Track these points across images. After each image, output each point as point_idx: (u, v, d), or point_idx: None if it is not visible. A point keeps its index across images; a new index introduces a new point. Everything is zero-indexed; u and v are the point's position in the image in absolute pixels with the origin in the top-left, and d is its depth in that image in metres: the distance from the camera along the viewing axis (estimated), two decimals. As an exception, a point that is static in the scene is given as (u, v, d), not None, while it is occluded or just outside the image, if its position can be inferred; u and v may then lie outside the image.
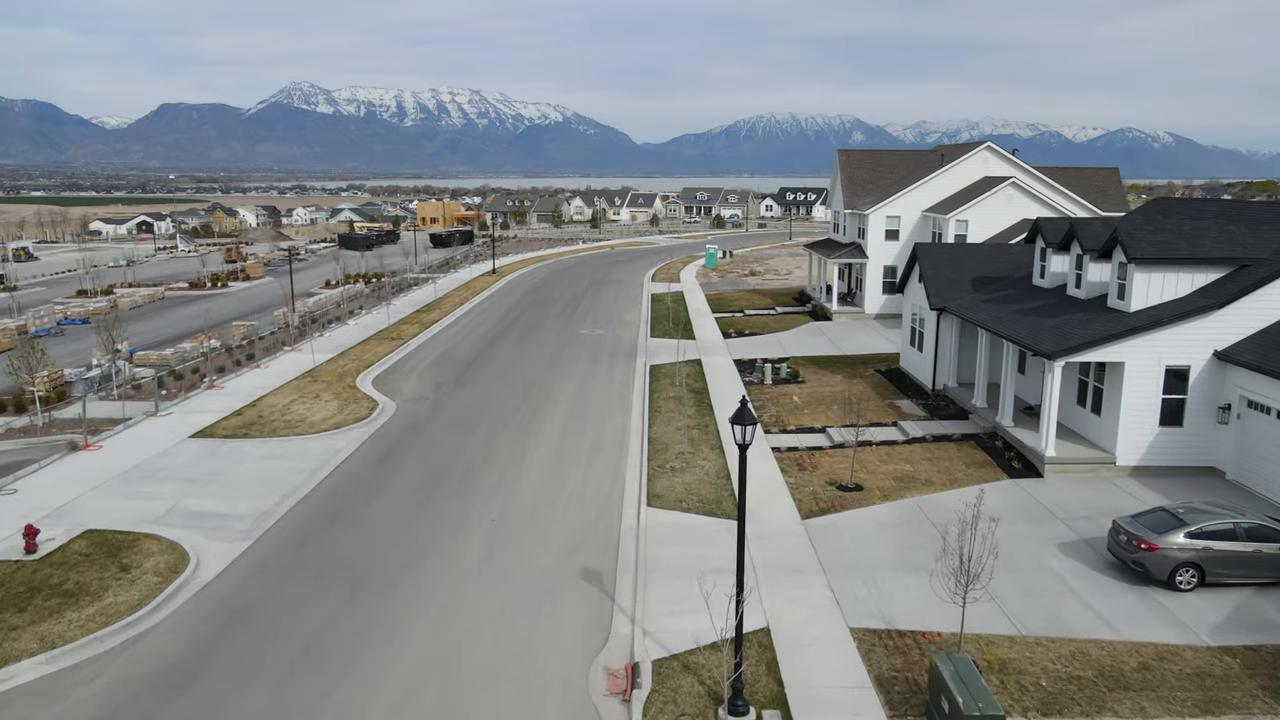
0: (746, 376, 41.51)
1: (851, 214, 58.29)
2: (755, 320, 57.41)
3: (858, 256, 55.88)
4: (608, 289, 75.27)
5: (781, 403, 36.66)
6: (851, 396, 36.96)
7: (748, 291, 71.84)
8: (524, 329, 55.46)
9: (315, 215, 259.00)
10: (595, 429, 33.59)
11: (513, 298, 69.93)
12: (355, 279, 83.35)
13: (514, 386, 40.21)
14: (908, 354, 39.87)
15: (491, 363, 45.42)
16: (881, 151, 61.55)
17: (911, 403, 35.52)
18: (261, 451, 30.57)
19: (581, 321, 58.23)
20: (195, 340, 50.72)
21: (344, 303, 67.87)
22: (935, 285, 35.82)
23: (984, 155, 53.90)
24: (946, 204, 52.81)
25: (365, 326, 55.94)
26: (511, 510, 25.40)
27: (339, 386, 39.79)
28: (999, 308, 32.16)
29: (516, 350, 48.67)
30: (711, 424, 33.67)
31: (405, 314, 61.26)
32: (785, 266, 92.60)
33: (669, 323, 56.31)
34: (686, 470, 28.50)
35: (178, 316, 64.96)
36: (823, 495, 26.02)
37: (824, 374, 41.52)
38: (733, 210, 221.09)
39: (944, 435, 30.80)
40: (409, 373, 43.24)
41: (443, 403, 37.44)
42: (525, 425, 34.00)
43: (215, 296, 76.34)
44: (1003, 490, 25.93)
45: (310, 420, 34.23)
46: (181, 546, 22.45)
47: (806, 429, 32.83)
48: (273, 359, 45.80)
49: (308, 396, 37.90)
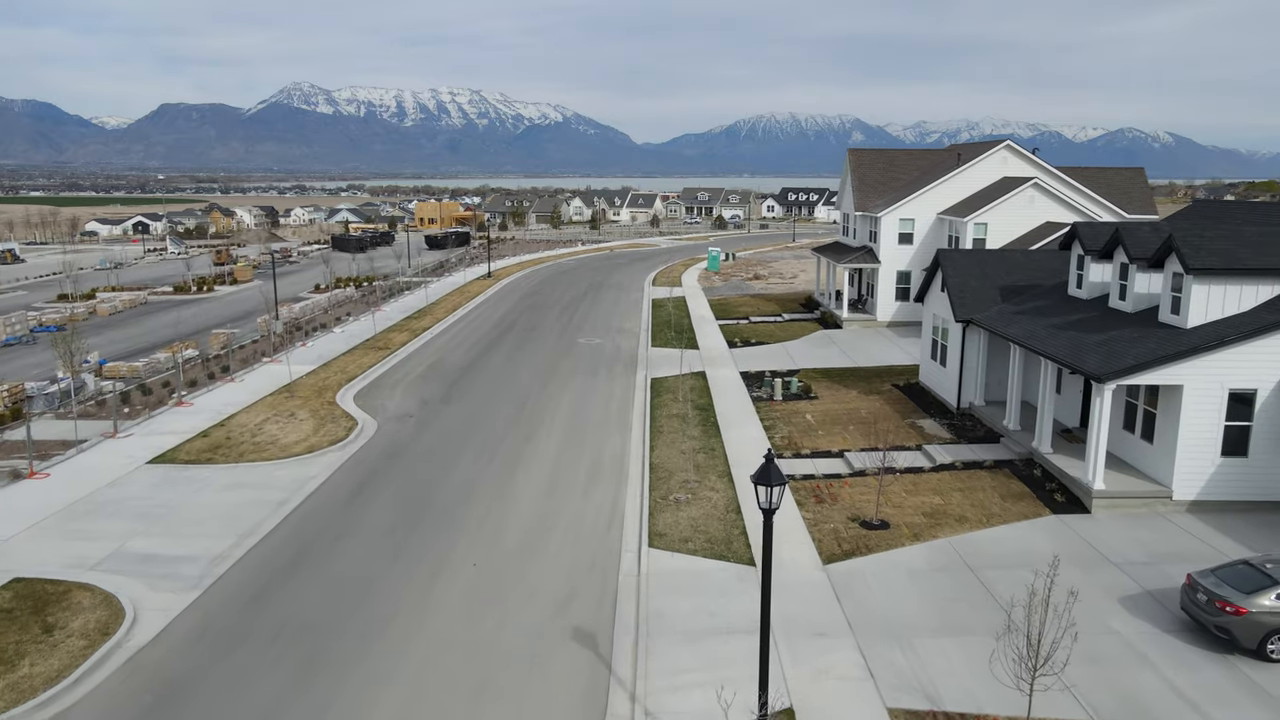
0: (754, 391, 38.75)
1: (862, 216, 55.52)
2: (761, 328, 54.64)
3: (869, 261, 53.11)
4: (607, 293, 72.52)
5: (794, 422, 33.89)
6: (869, 415, 34.22)
7: (752, 296, 69.07)
8: (519, 337, 52.71)
9: (313, 215, 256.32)
10: (592, 452, 30.83)
11: (508, 303, 67.17)
12: (345, 283, 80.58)
13: (506, 402, 37.45)
14: (928, 368, 37.10)
15: (483, 375, 42.67)
16: (893, 151, 58.72)
17: (935, 423, 32.74)
18: (225, 480, 27.80)
19: (579, 329, 55.48)
20: (170, 350, 47.97)
21: (332, 308, 65.11)
22: (960, 295, 33.06)
23: (1003, 155, 51.13)
24: (964, 206, 50.04)
25: (352, 335, 53.17)
26: (497, 553, 22.63)
27: (317, 403, 37.02)
28: (1033, 321, 29.39)
29: (510, 361, 45.92)
30: (718, 446, 30.91)
31: (395, 320, 58.51)
32: (790, 270, 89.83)
33: (671, 331, 53.57)
34: (692, 503, 25.74)
35: (158, 323, 62.19)
36: (845, 534, 23.26)
37: (838, 389, 38.75)
38: (734, 211, 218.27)
39: (975, 461, 28.02)
40: (394, 387, 40.48)
41: (428, 422, 34.68)
42: (516, 449, 31.23)
43: (199, 301, 73.59)
44: (1046, 529, 23.16)
45: (282, 443, 31.46)
46: (118, 600, 19.68)
47: (822, 453, 30.05)
48: (249, 371, 43.03)
49: (282, 415, 35.13)
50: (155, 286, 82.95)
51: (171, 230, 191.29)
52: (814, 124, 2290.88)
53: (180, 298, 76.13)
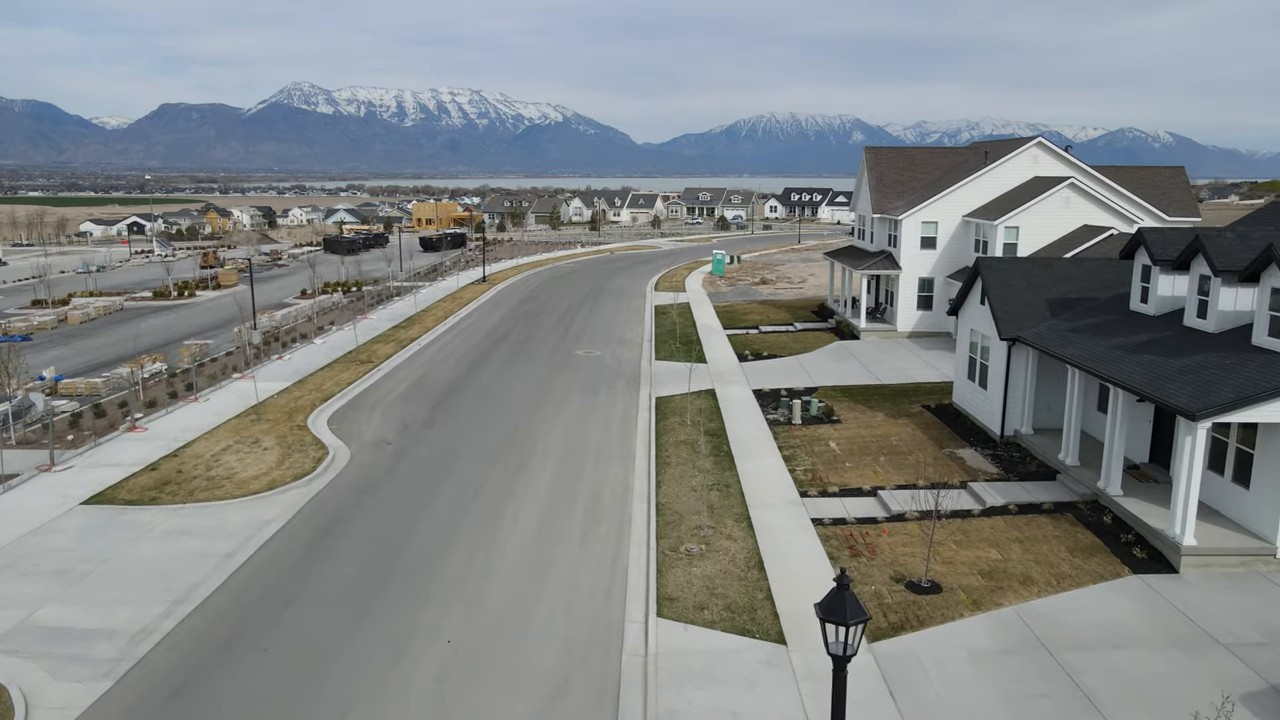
0: (770, 413, 35.12)
1: (881, 219, 51.88)
2: (772, 339, 50.99)
3: (889, 267, 49.46)
4: (607, 300, 68.88)
5: (817, 451, 30.25)
6: (901, 443, 30.58)
7: (761, 303, 65.44)
8: (512, 349, 49.07)
9: (311, 216, 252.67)
10: (591, 487, 27.20)
11: (502, 310, 63.53)
12: (333, 288, 76.95)
13: (494, 427, 33.81)
14: (964, 389, 33.45)
15: (471, 393, 39.04)
16: (913, 149, 55.06)
17: (977, 453, 29.10)
18: (168, 525, 24.17)
19: (577, 340, 51.84)
20: (134, 364, 44.34)
21: (316, 316, 61.48)
22: (1005, 309, 29.42)
23: (1034, 153, 47.48)
24: (992, 208, 46.40)
25: (334, 346, 49.53)
26: (477, 623, 19.01)
27: (286, 427, 33.38)
28: (1093, 341, 25.75)
29: (502, 376, 42.30)
30: (733, 482, 27.28)
31: (382, 330, 54.87)
32: (798, 273, 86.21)
33: (676, 342, 49.94)
34: (707, 555, 22.12)
35: (131, 332, 58.49)
36: (891, 599, 19.62)
37: (862, 410, 35.11)
38: (736, 211, 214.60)
39: (1031, 504, 24.38)
40: (373, 407, 36.84)
41: (407, 451, 31.03)
42: (504, 483, 27.60)
43: (179, 308, 69.94)
44: (1130, 594, 19.52)
45: (240, 478, 27.82)
46: (7, 695, 16.07)
47: (853, 490, 26.42)
48: (216, 389, 39.39)
49: (245, 442, 31.49)
50: (135, 291, 79.39)
51: (161, 231, 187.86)
52: (814, 124, 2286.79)
53: (159, 304, 72.52)
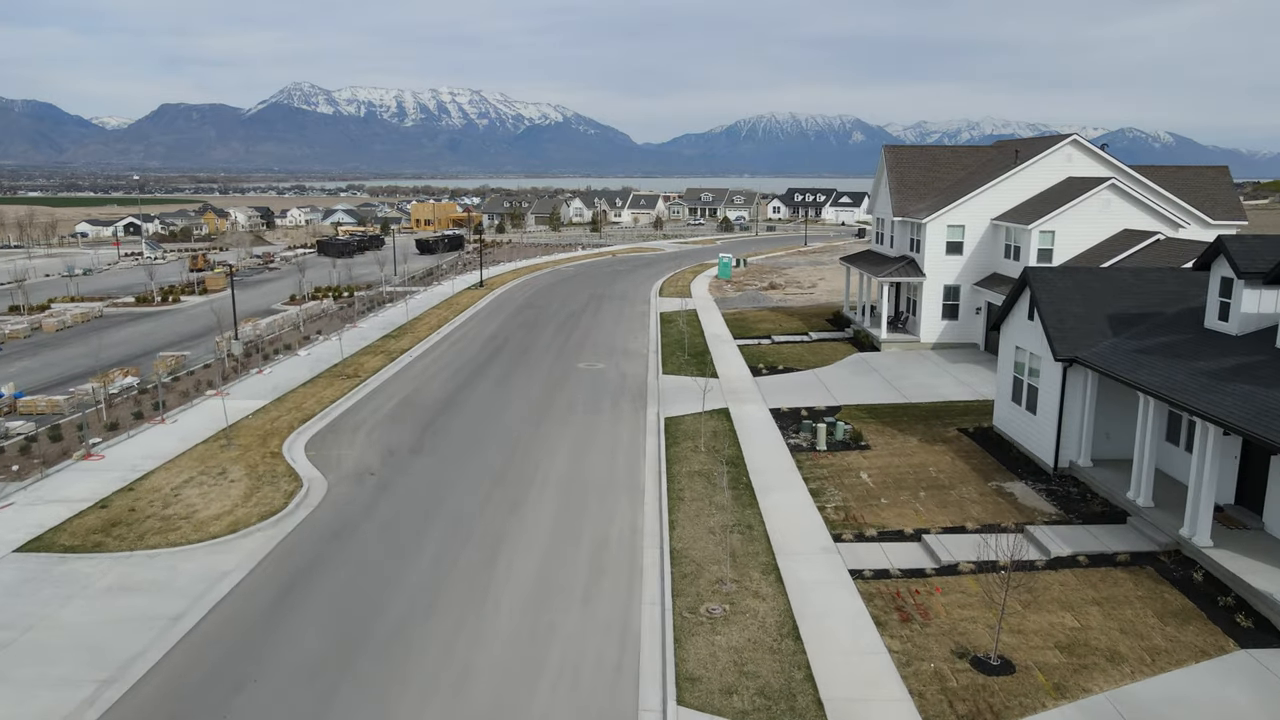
0: (791, 437, 31.98)
1: (902, 222, 48.71)
2: (787, 350, 47.84)
3: (911, 274, 46.30)
4: (609, 306, 65.73)
5: (847, 484, 27.10)
6: (941, 474, 27.44)
7: (771, 310, 62.27)
8: (509, 361, 45.92)
9: (310, 216, 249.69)
10: (595, 529, 24.06)
11: (500, 318, 60.37)
12: (324, 294, 73.82)
13: (488, 454, 30.66)
14: (1008, 412, 30.27)
15: (463, 413, 35.89)
16: (935, 148, 51.86)
17: (1028, 488, 25.95)
18: (111, 578, 21.03)
19: (578, 351, 48.69)
20: (103, 379, 41.21)
21: (303, 324, 58.34)
22: (1059, 326, 26.27)
23: (1068, 151, 44.32)
24: (1024, 211, 43.25)
25: (319, 358, 46.38)
26: (462, 715, 15.86)
27: (258, 454, 30.23)
28: (1170, 365, 22.60)
29: (498, 392, 39.16)
30: (756, 522, 24.14)
31: (371, 340, 51.71)
32: (807, 277, 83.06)
33: (684, 353, 46.80)
34: (732, 618, 18.98)
35: (107, 341, 55.37)
36: (955, 681, 16.47)
37: (893, 434, 31.95)
38: (739, 212, 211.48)
39: (1103, 554, 21.21)
40: (356, 430, 33.69)
41: (391, 482, 27.88)
42: (497, 524, 24.46)
43: (161, 314, 66.80)
44: (1242, 676, 16.37)
45: (200, 517, 24.68)
46: (-127, 824, 12.95)
47: (893, 533, 23.27)
48: (187, 408, 36.24)
49: (211, 473, 28.34)
50: (119, 296, 76.27)
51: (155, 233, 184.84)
52: (814, 124, 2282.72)
53: (141, 310, 69.36)
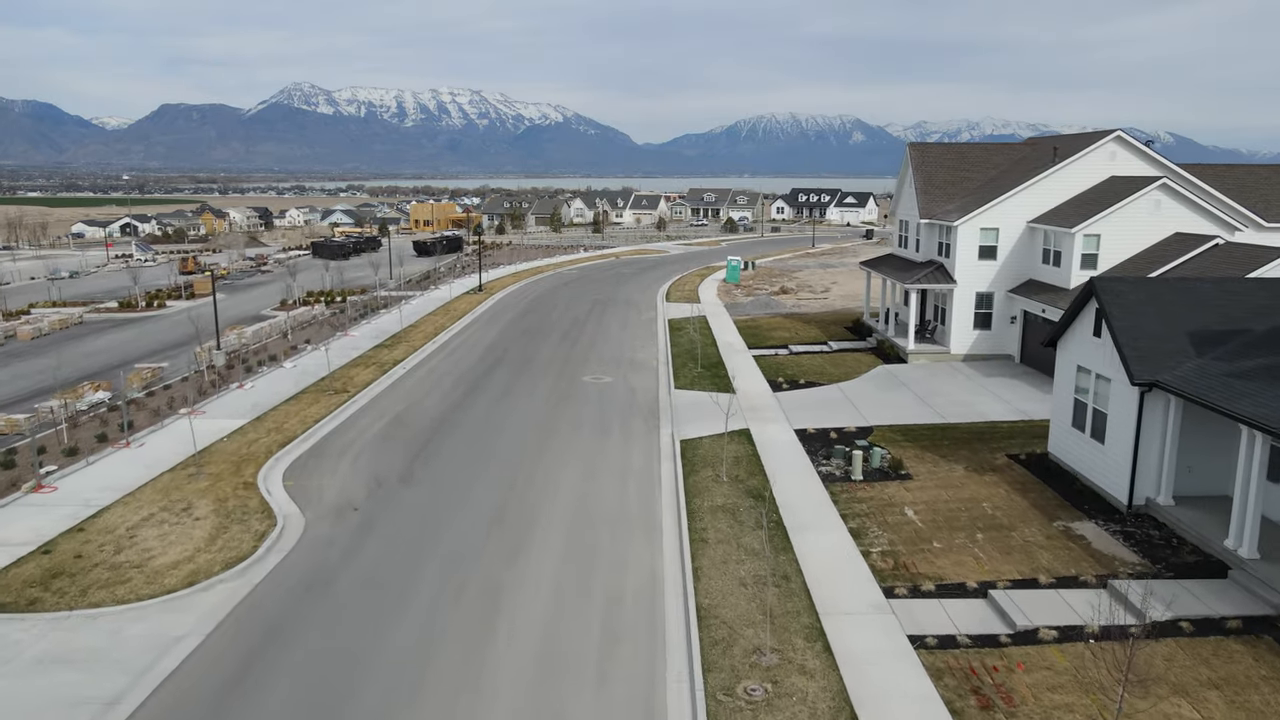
0: (822, 463, 28.88)
1: (929, 225, 45.58)
2: (806, 362, 44.72)
3: (940, 280, 43.19)
4: (614, 312, 62.62)
5: (891, 522, 24.00)
6: (997, 511, 24.34)
7: (785, 317, 59.15)
8: (510, 374, 42.83)
9: (309, 217, 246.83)
10: (608, 581, 20.96)
11: (499, 325, 57.27)
12: (315, 298, 70.77)
13: (486, 484, 27.55)
14: (1067, 438, 27.14)
15: (460, 434, 32.78)
16: (964, 145, 48.72)
17: (1100, 529, 22.84)
18: (42, 646, 17.94)
19: (584, 362, 45.58)
20: (71, 394, 38.14)
21: (292, 332, 55.24)
22: (1135, 345, 23.16)
23: (1110, 149, 41.21)
24: (1065, 213, 40.14)
25: (305, 370, 43.26)
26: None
27: (230, 485, 27.13)
28: (1275, 391, 19.49)
29: (496, 411, 36.06)
30: (794, 571, 21.03)
31: (363, 349, 48.61)
32: (819, 281, 79.94)
33: (696, 365, 43.69)
34: (775, 704, 15.88)
35: (85, 350, 52.37)
36: (1058, 798, 13.36)
37: (935, 461, 28.84)
38: (742, 213, 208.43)
39: (1209, 619, 18.08)
40: (341, 455, 30.58)
41: (376, 520, 24.78)
42: (495, 575, 21.36)
43: (144, 321, 63.76)
44: None
45: (155, 565, 21.57)
46: None
47: (953, 587, 20.16)
48: (157, 429, 33.11)
49: (174, 508, 25.24)
50: (103, 300, 73.26)
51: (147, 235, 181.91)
52: (814, 124, 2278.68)
53: (124, 315, 66.33)
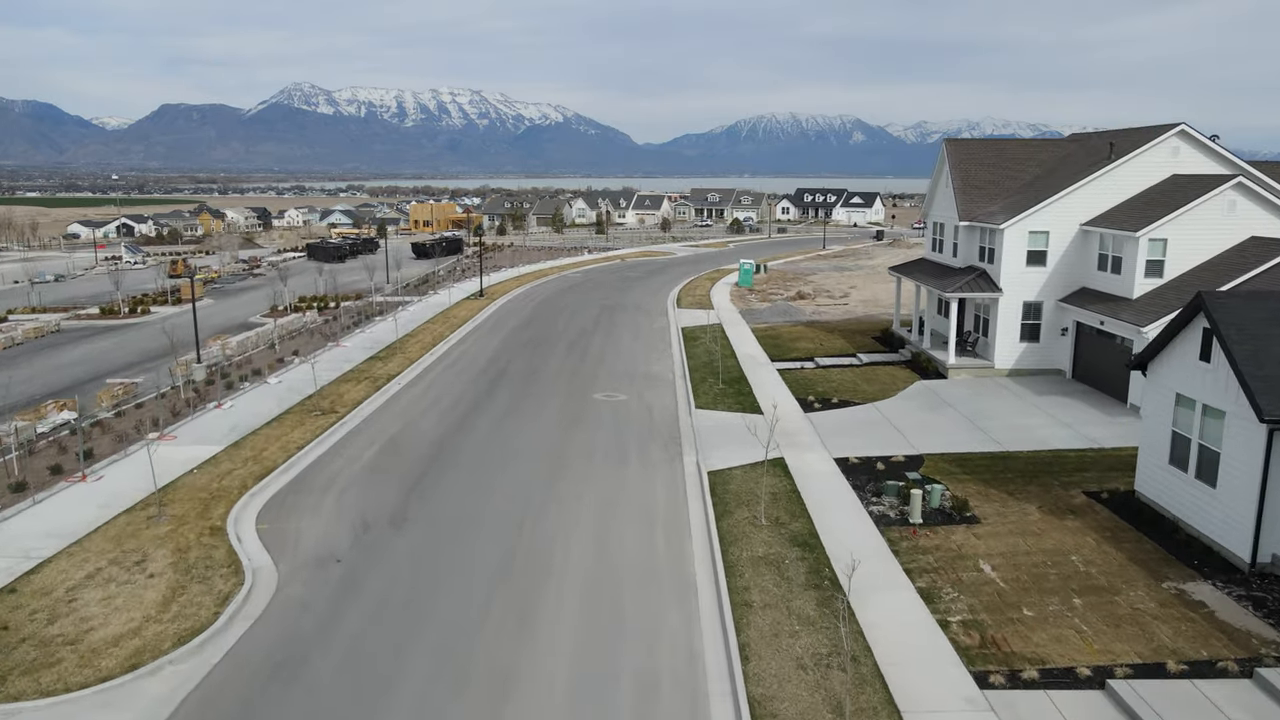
0: (872, 501, 25.31)
1: (969, 228, 41.99)
2: (836, 377, 41.12)
3: (983, 288, 39.59)
4: (624, 319, 59.05)
5: (967, 581, 20.40)
6: (1089, 566, 20.75)
7: (807, 325, 55.51)
8: (514, 390, 39.25)
9: (307, 217, 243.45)
10: (638, 661, 17.37)
11: (501, 334, 53.68)
12: (308, 303, 67.20)
13: (489, 528, 23.97)
14: (1162, 477, 23.51)
15: (459, 464, 29.20)
16: (1004, 141, 45.03)
17: (1221, 593, 19.25)
18: (-63, 758, 14.40)
19: (594, 376, 42.00)
20: (32, 415, 34.58)
21: (280, 342, 51.66)
22: (1259, 374, 19.58)
23: (1173, 144, 37.62)
24: (1123, 215, 36.56)
25: (293, 386, 39.68)
26: None
27: (195, 530, 23.56)
28: None
29: (500, 435, 32.48)
30: (858, 645, 17.42)
31: (356, 362, 45.05)
32: (836, 286, 76.33)
33: (716, 380, 40.12)
34: None
35: (57, 362, 48.81)
36: None
37: (1002, 499, 25.24)
38: (746, 213, 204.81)
39: (1391, 725, 14.52)
40: (325, 490, 27.00)
41: (361, 575, 21.20)
42: (501, 654, 17.75)
43: (126, 328, 60.18)
44: None
45: (93, 639, 17.99)
46: None
47: (1059, 673, 16.57)
48: (120, 458, 29.52)
49: (126, 561, 21.66)
50: (86, 305, 69.73)
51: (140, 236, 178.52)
52: (814, 124, 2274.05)
53: (106, 322, 62.76)
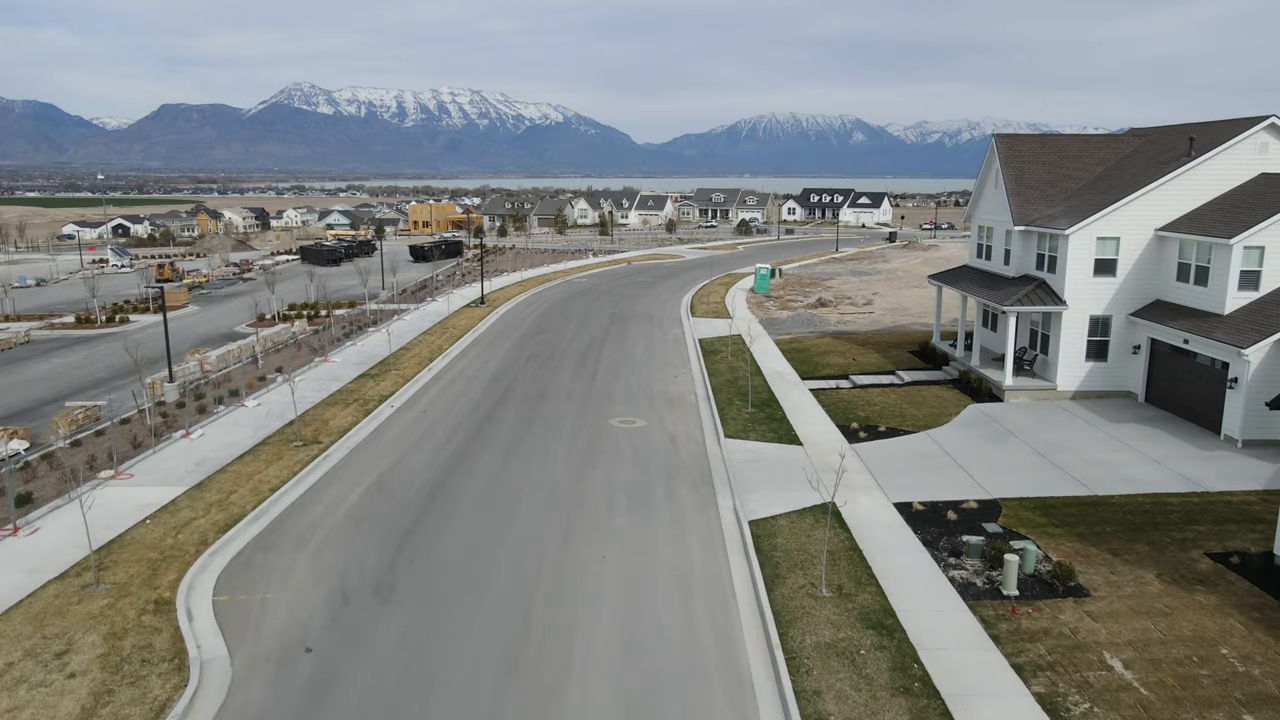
0: (951, 565, 21.13)
1: (1025, 233, 37.80)
2: (878, 398, 36.90)
3: (1044, 301, 35.38)
4: (635, 330, 54.86)
5: (1097, 686, 16.20)
6: (1249, 664, 16.57)
7: (834, 337, 51.27)
8: (519, 415, 35.06)
9: (306, 218, 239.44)
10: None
11: (504, 347, 49.50)
12: (299, 311, 63.05)
13: (494, 602, 19.77)
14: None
15: (458, 513, 25.01)
16: (1061, 137, 40.75)
17: None
18: None
19: (607, 397, 37.80)
20: (-27, 447, 30.44)
21: (264, 356, 47.51)
22: None
23: (1261, 139, 33.41)
24: (1210, 220, 32.37)
25: (272, 411, 35.52)
26: None
27: (136, 605, 19.39)
28: None
29: (504, 473, 28.29)
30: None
31: (345, 380, 40.91)
32: (857, 292, 72.12)
33: (744, 402, 35.92)
34: None
35: (19, 379, 44.68)
36: None
37: (1107, 561, 21.02)
38: (752, 213, 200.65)
39: None
40: (300, 546, 22.81)
41: (334, 677, 17.00)
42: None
43: (100, 339, 56.05)
44: None
45: (-22, 778, 13.87)
46: None
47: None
48: (63, 504, 25.32)
49: (44, 653, 17.49)
50: (63, 313, 65.64)
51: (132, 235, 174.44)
52: (814, 124, 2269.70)
53: (79, 333, 58.65)
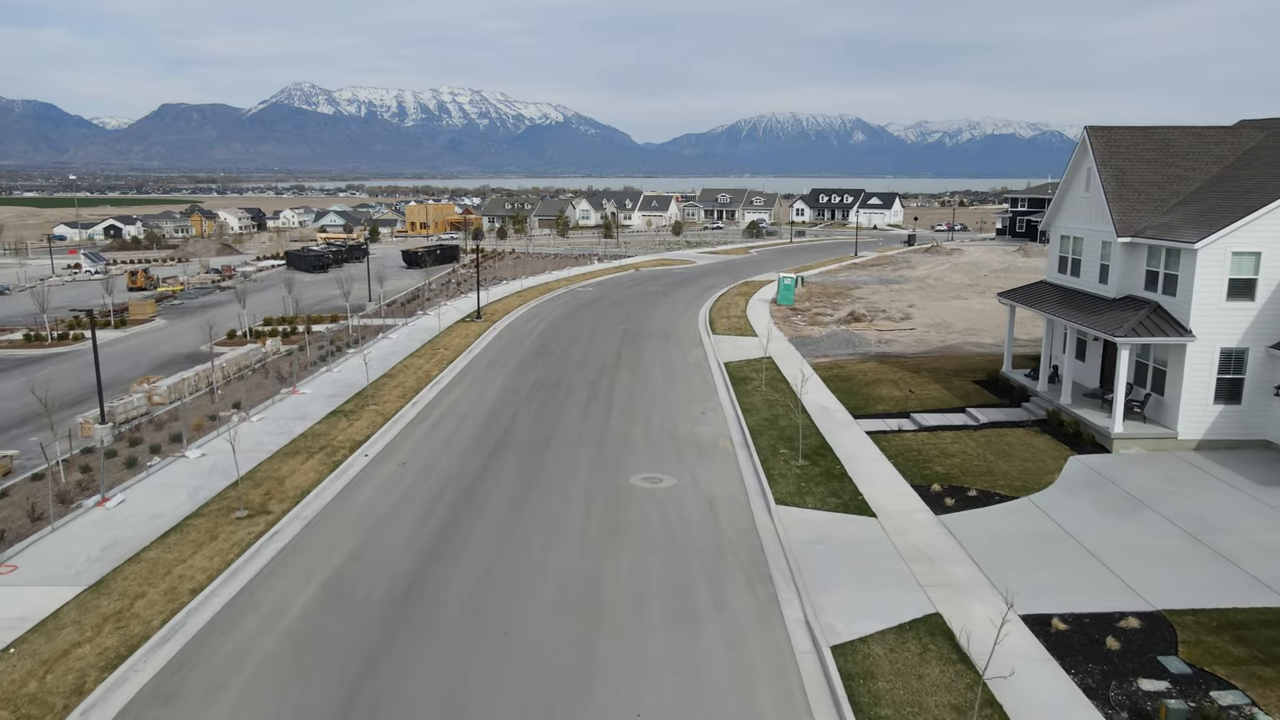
0: (1138, 737, 14.65)
1: (1131, 245, 31.28)
2: (952, 445, 30.32)
3: (1162, 330, 28.87)
4: (651, 351, 48.33)
5: None
6: None
7: (880, 361, 44.68)
8: (518, 470, 28.56)
9: (303, 218, 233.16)
10: None
11: (502, 374, 43.00)
12: (275, 325, 56.58)
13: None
14: None
15: (435, 634, 18.50)
16: (1165, 129, 34.16)
17: None
18: None
19: (626, 443, 31.26)
20: None
21: (225, 384, 41.05)
22: None
23: None
24: (1381, 231, 25.85)
25: (216, 465, 29.01)
26: None
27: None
28: None
29: (500, 564, 21.77)
30: None
31: (313, 420, 34.43)
32: (890, 303, 65.58)
33: (792, 451, 29.39)
34: None
35: (-64, 413, 38.21)
36: None
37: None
38: (759, 214, 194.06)
39: None
40: (211, 698, 16.28)
41: None
42: None
43: (47, 360, 49.63)
44: None
45: None
46: None
47: None
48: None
49: None
50: (15, 329, 59.23)
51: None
52: (815, 124, 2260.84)
53: (25, 352, 52.22)
